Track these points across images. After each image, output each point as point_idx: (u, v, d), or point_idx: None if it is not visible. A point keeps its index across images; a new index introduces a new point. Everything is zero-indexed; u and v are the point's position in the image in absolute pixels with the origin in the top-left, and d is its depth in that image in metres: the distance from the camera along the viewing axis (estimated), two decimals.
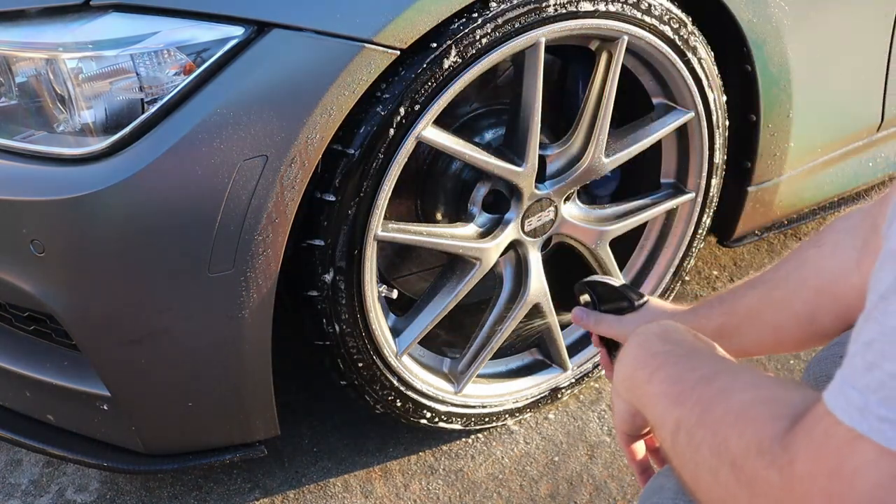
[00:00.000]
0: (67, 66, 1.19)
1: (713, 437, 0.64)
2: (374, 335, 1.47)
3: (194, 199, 1.21)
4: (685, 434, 0.68)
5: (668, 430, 0.71)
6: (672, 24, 1.49)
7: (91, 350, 1.32)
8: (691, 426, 0.67)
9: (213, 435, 1.45)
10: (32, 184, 1.23)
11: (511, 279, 1.63)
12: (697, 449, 0.65)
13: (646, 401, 0.77)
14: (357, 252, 1.38)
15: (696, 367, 0.73)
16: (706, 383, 0.70)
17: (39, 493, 1.64)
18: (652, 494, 0.80)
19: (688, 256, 1.79)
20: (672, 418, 0.70)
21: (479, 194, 1.54)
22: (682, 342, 0.79)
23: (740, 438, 0.62)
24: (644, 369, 0.78)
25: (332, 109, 1.23)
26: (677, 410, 0.70)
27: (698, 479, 0.66)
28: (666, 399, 0.73)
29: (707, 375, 0.71)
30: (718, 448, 0.63)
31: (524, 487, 1.62)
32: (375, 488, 1.63)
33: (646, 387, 0.77)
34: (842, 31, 1.71)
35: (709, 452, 0.64)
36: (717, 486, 0.63)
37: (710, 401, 0.67)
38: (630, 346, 0.83)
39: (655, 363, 0.77)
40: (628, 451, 0.92)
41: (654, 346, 0.79)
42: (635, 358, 0.81)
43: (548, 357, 1.74)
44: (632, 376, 0.80)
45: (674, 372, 0.75)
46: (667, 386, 0.74)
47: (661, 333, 0.81)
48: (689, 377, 0.72)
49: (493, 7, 1.31)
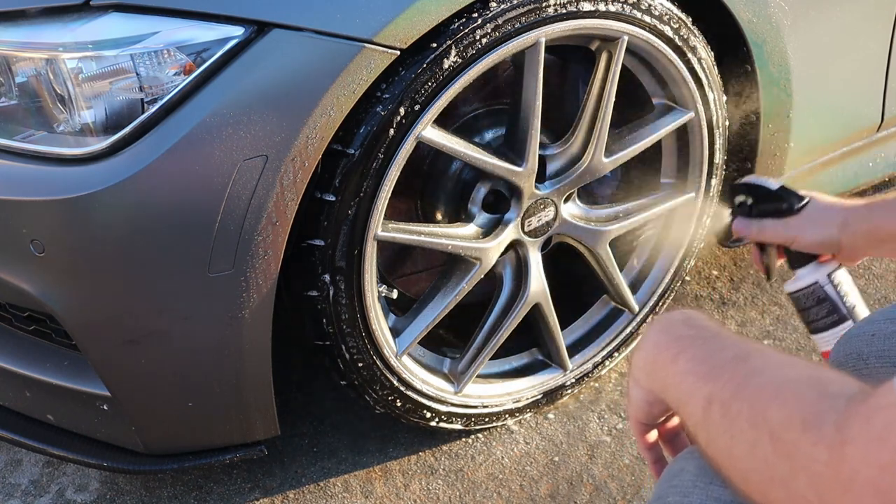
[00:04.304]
0: (67, 66, 1.19)
1: (751, 408, 0.63)
2: (374, 335, 1.47)
3: (194, 200, 1.21)
4: (719, 407, 0.67)
5: (698, 406, 0.69)
6: (672, 23, 1.49)
7: (91, 350, 1.32)
8: (726, 399, 0.66)
9: (213, 435, 1.45)
10: (32, 184, 1.23)
11: (511, 279, 1.63)
12: (734, 421, 0.65)
13: (670, 381, 0.76)
14: (357, 252, 1.38)
15: (726, 348, 0.73)
16: (739, 361, 0.69)
17: (39, 493, 1.64)
18: (672, 478, 0.79)
19: (688, 256, 1.79)
20: (702, 394, 0.69)
21: (479, 194, 1.55)
22: (706, 327, 0.78)
23: (783, 411, 0.61)
24: (668, 352, 0.77)
25: (332, 109, 1.23)
26: (708, 386, 0.69)
27: (732, 452, 0.65)
28: (693, 376, 0.72)
29: (739, 355, 0.70)
30: (757, 420, 0.62)
31: (524, 487, 1.62)
32: (375, 488, 1.63)
33: (670, 367, 0.76)
34: (842, 30, 1.71)
35: (746, 424, 0.63)
36: (754, 457, 0.63)
37: (746, 377, 0.67)
38: (651, 332, 0.82)
39: (680, 346, 0.76)
40: (641, 441, 0.91)
41: (677, 331, 0.79)
42: (657, 343, 0.80)
43: (548, 357, 1.74)
44: (653, 360, 0.79)
45: (701, 353, 0.74)
46: (694, 364, 0.73)
47: (684, 319, 0.80)
48: (718, 356, 0.72)
49: (493, 7, 1.31)
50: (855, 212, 1.07)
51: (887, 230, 1.00)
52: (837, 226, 1.09)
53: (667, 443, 0.92)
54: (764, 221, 1.16)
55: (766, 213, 1.16)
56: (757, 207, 1.17)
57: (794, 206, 1.13)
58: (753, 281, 2.10)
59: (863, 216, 1.04)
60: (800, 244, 1.13)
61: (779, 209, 1.14)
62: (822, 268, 1.13)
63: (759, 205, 1.17)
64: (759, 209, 1.17)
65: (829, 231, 1.10)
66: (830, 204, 1.13)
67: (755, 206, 1.17)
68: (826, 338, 1.13)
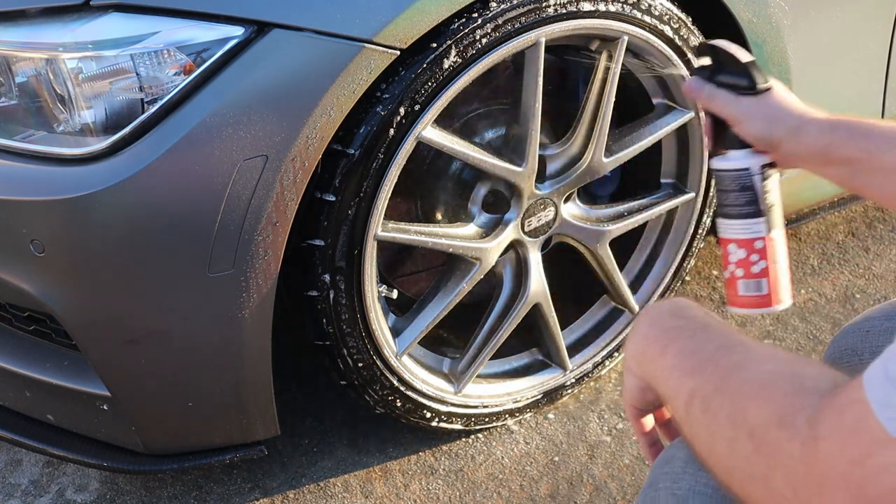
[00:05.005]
0: (67, 66, 1.19)
1: (731, 405, 0.64)
2: (374, 335, 1.47)
3: (194, 200, 1.21)
4: (700, 402, 0.67)
5: (681, 401, 0.70)
6: (672, 23, 1.49)
7: (91, 350, 1.32)
8: (707, 395, 0.67)
9: (213, 435, 1.45)
10: (32, 184, 1.23)
11: (511, 279, 1.63)
12: (714, 417, 0.65)
13: (658, 374, 0.76)
14: (357, 252, 1.38)
15: (711, 340, 0.73)
16: (722, 355, 0.69)
17: (39, 493, 1.64)
18: (663, 465, 0.81)
19: (688, 256, 1.79)
20: (686, 388, 0.70)
21: (479, 194, 1.55)
22: (694, 317, 0.78)
23: (760, 409, 0.61)
24: (656, 344, 0.78)
25: (332, 109, 1.23)
26: (692, 380, 0.70)
27: (713, 448, 0.66)
28: (679, 371, 0.73)
29: (723, 347, 0.71)
30: (736, 417, 0.63)
31: (524, 487, 1.62)
32: (375, 488, 1.63)
33: (658, 360, 0.76)
34: (842, 30, 1.71)
35: (726, 421, 0.64)
36: (734, 454, 0.63)
37: (728, 371, 0.67)
38: (640, 324, 0.82)
39: (668, 338, 0.77)
40: (637, 425, 0.91)
41: (665, 322, 0.79)
42: (646, 335, 0.80)
43: (548, 357, 1.74)
44: (643, 352, 0.80)
45: (687, 345, 0.74)
46: (681, 359, 0.74)
47: (672, 309, 0.81)
48: (703, 349, 0.72)
49: (493, 7, 1.31)
50: (813, 123, 0.99)
51: (841, 154, 0.94)
52: (789, 129, 1.00)
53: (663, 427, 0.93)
54: (718, 90, 1.07)
55: (724, 83, 1.07)
56: (718, 74, 1.08)
57: (755, 87, 1.04)
58: None
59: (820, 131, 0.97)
60: (741, 129, 1.04)
61: (738, 84, 1.06)
62: (757, 157, 1.05)
63: (721, 72, 1.08)
64: (719, 77, 1.08)
65: (777, 131, 1.01)
66: (790, 104, 1.04)
67: (716, 72, 1.09)
68: (732, 226, 1.06)
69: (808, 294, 2.06)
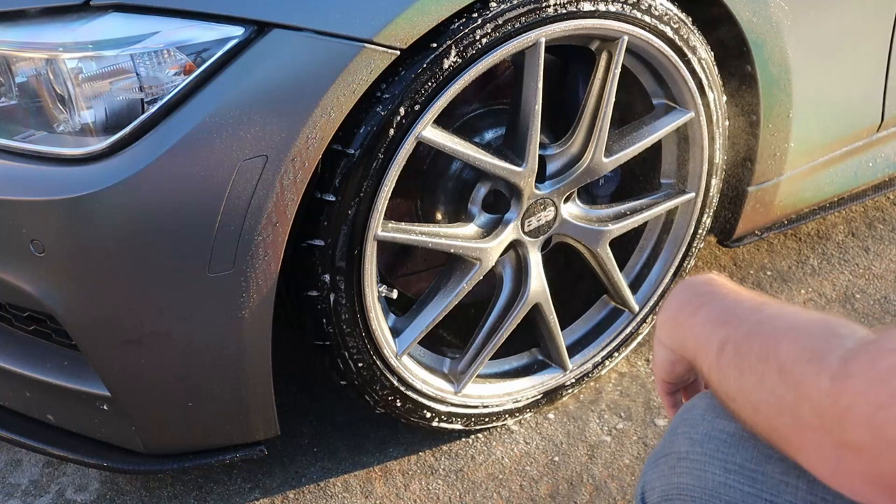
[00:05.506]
0: (67, 66, 1.19)
1: (762, 345, 0.67)
2: (374, 335, 1.47)
3: (194, 200, 1.21)
4: (732, 347, 0.70)
5: (713, 349, 0.73)
6: (672, 24, 1.49)
7: (91, 350, 1.32)
8: (739, 340, 0.70)
9: (213, 435, 1.45)
10: (32, 184, 1.23)
11: (511, 279, 1.63)
12: (745, 358, 0.68)
13: (689, 332, 0.79)
14: (357, 252, 1.38)
15: (744, 301, 0.76)
16: (755, 310, 0.72)
17: (39, 493, 1.64)
18: (684, 412, 0.84)
19: (688, 256, 1.79)
20: (718, 337, 0.73)
21: (479, 194, 1.54)
22: (726, 285, 0.82)
23: (792, 345, 0.64)
24: (689, 306, 0.80)
25: (332, 109, 1.23)
26: (724, 329, 0.73)
27: (741, 387, 0.68)
28: (712, 323, 0.75)
29: (756, 305, 0.73)
30: (767, 354, 0.65)
31: (524, 487, 1.62)
32: (375, 488, 1.63)
33: (690, 319, 0.79)
34: (842, 30, 1.71)
35: (756, 359, 0.67)
36: (762, 388, 0.65)
37: (761, 321, 0.70)
38: (675, 292, 0.85)
39: (701, 301, 0.79)
40: (666, 400, 0.94)
41: (699, 289, 0.82)
42: (679, 300, 0.83)
43: (548, 357, 1.73)
44: (675, 316, 0.82)
45: (720, 305, 0.77)
46: (714, 315, 0.76)
47: (706, 280, 0.84)
48: (737, 306, 0.75)
49: (493, 7, 1.31)
50: None
51: None
52: None
53: None
54: None
55: None
56: None
57: None
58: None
59: None
60: None
61: None
62: None
63: None
64: None
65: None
66: None
67: None
68: None
69: (808, 294, 2.06)
